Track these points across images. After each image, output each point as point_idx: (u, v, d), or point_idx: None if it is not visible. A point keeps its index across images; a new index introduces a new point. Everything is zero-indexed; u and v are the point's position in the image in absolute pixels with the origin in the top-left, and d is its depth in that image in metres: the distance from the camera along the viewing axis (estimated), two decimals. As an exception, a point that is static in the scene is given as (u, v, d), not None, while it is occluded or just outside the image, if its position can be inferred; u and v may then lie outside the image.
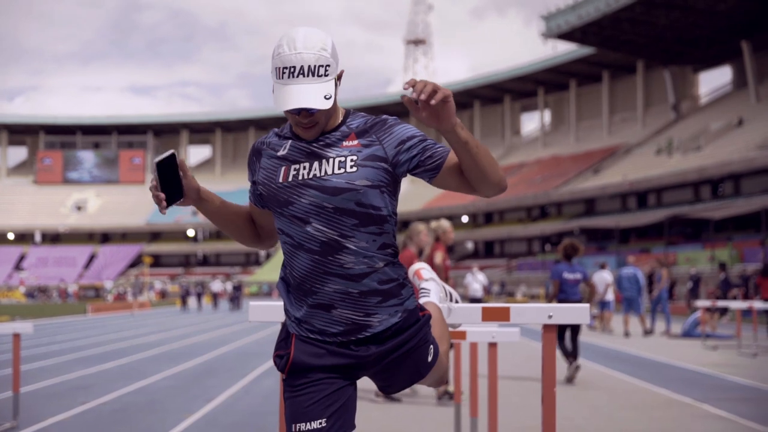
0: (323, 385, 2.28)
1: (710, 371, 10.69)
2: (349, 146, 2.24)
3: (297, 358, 2.30)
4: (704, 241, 44.17)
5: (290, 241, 2.29)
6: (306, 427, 2.25)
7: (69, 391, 9.12)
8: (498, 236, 67.36)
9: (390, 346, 2.32)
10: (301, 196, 2.24)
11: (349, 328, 2.27)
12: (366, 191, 2.22)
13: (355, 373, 2.34)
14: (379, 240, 2.27)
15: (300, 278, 2.28)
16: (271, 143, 2.35)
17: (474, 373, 5.04)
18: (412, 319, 2.36)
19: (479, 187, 2.25)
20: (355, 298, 2.25)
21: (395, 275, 2.31)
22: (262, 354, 13.81)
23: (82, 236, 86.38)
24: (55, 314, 33.80)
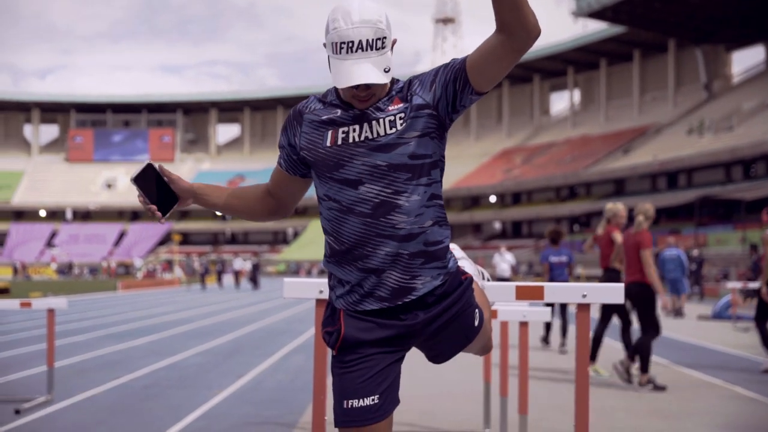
0: (374, 360, 2.29)
1: (742, 353, 10.60)
2: (397, 107, 2.25)
3: (348, 333, 2.30)
4: (735, 222, 43.69)
5: (338, 207, 2.27)
6: (359, 403, 2.25)
7: (101, 366, 9.24)
8: (526, 216, 67.06)
9: (437, 311, 2.32)
10: (352, 158, 2.24)
11: (395, 291, 2.27)
12: (417, 141, 2.23)
13: (405, 344, 2.34)
14: (429, 191, 2.27)
15: (350, 244, 2.27)
16: (315, 108, 2.34)
17: (504, 352, 5.04)
18: (455, 282, 2.36)
19: (515, 28, 2.11)
20: (405, 259, 2.25)
21: (440, 237, 2.31)
22: (291, 332, 13.90)
23: (112, 214, 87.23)
24: (85, 291, 34.21)
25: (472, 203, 73.31)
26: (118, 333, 13.70)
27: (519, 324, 4.53)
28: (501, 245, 21.28)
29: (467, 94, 2.23)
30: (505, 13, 2.10)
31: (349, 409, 2.26)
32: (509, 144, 78.03)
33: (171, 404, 6.69)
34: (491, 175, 71.03)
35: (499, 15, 2.12)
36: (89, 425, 5.80)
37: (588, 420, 2.97)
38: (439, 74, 2.27)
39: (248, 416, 6.19)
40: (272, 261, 75.75)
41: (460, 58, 2.26)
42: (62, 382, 7.75)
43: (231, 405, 6.68)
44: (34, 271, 63.74)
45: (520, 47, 2.15)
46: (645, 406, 6.64)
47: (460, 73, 2.23)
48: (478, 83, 2.22)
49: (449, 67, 2.26)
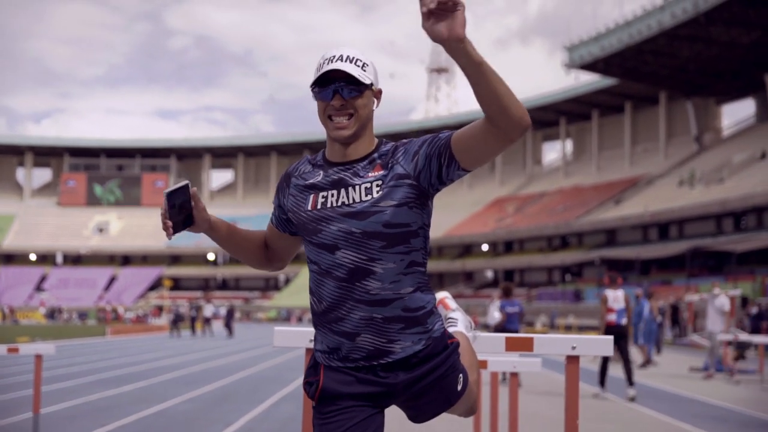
0: (353, 412, 2.29)
1: (734, 406, 10.56)
2: (376, 174, 2.26)
3: (327, 385, 2.31)
4: (726, 274, 43.75)
5: (317, 269, 2.31)
6: None
7: (89, 412, 9.15)
8: (518, 265, 67.07)
9: (418, 373, 2.32)
10: (329, 223, 2.26)
11: (370, 353, 2.28)
12: (393, 211, 2.23)
13: (384, 402, 2.34)
14: (407, 258, 2.28)
15: (326, 306, 2.30)
16: (303, 171, 2.39)
17: (495, 402, 5.02)
18: (439, 346, 2.36)
19: (500, 121, 2.09)
20: (379, 323, 2.26)
21: (422, 303, 2.31)
22: (280, 380, 13.80)
23: (103, 258, 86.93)
24: (74, 336, 33.94)
25: (465, 251, 73.36)
26: (106, 379, 13.58)
27: (510, 374, 4.53)
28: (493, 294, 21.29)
29: (453, 169, 2.23)
30: (488, 107, 2.10)
31: None
32: (502, 193, 78.38)
33: (158, 452, 6.62)
34: (483, 224, 71.20)
35: (483, 108, 2.12)
36: (75, 473, 5.73)
37: (577, 473, 2.96)
38: (424, 146, 2.27)
39: (236, 465, 6.12)
40: (263, 307, 75.42)
41: (446, 134, 2.26)
42: (49, 428, 7.66)
43: (219, 454, 6.61)
44: (22, 315, 63.21)
45: (506, 138, 2.14)
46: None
47: (444, 150, 2.23)
48: (463, 161, 2.23)
49: (435, 141, 2.26)
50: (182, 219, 2.35)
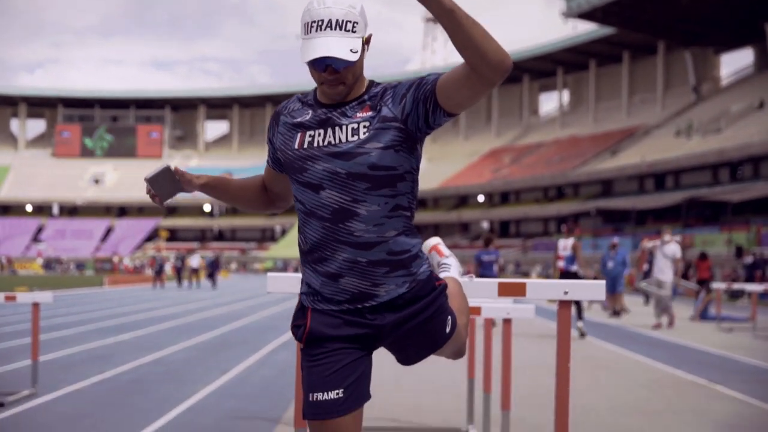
0: (341, 355, 2.31)
1: (725, 353, 10.68)
2: (363, 116, 2.26)
3: (314, 328, 2.32)
4: (722, 224, 43.91)
5: (303, 209, 2.31)
6: (323, 396, 2.28)
7: (87, 360, 9.24)
8: (514, 216, 67.21)
9: (406, 314, 2.33)
10: (315, 162, 2.26)
11: (354, 296, 2.29)
12: (379, 153, 2.22)
13: (372, 344, 2.35)
14: (392, 202, 2.27)
15: (311, 246, 2.31)
16: (292, 110, 2.38)
17: (488, 348, 5.08)
18: (426, 288, 2.37)
19: (479, 66, 2.08)
20: (363, 267, 2.26)
21: (407, 247, 2.32)
22: (277, 328, 13.91)
23: (99, 209, 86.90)
24: (72, 286, 34.10)
25: (461, 203, 73.42)
26: (104, 328, 13.67)
27: (503, 321, 4.57)
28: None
29: (439, 115, 2.23)
30: (466, 53, 2.09)
31: (315, 402, 2.28)
32: (498, 144, 78.18)
33: (157, 398, 6.70)
34: (479, 175, 71.13)
35: (461, 54, 2.11)
36: (74, 418, 5.80)
37: (567, 416, 3.01)
38: (411, 89, 2.27)
39: (234, 410, 6.21)
40: (260, 258, 75.68)
41: (433, 77, 2.25)
42: (47, 375, 7.74)
43: (217, 399, 6.70)
44: (20, 266, 63.44)
45: (488, 83, 2.13)
46: (627, 404, 6.69)
47: (430, 95, 2.23)
48: (447, 106, 2.23)
49: (421, 86, 2.25)
50: (169, 190, 2.39)
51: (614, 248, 18.04)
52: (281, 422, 5.75)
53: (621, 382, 8.02)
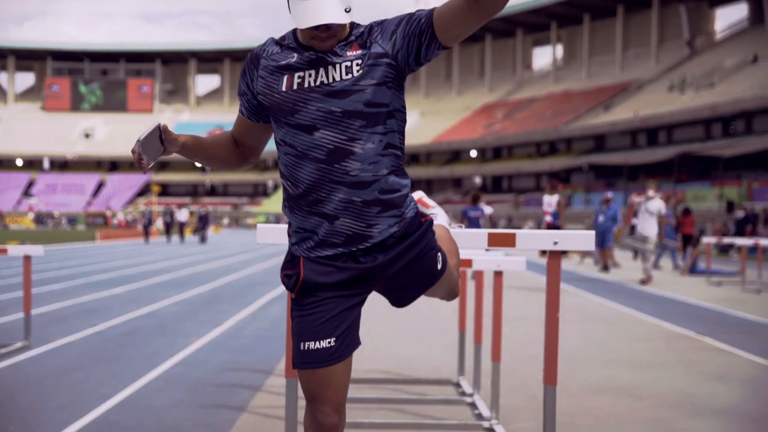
0: (332, 304, 2.31)
1: (713, 306, 10.77)
2: (354, 53, 2.23)
3: (307, 277, 2.31)
4: (713, 179, 44.02)
5: (293, 152, 2.28)
6: (315, 345, 2.28)
7: (79, 313, 9.26)
8: (506, 171, 67.18)
9: (396, 252, 2.33)
10: (307, 103, 2.23)
11: (349, 238, 2.28)
12: (373, 90, 2.21)
13: (365, 285, 2.35)
14: (385, 140, 2.26)
15: (304, 189, 2.28)
16: (271, 52, 2.32)
17: (479, 301, 5.10)
18: (413, 225, 2.37)
19: None
20: (358, 207, 2.25)
21: (397, 186, 2.31)
22: (269, 283, 13.95)
23: (90, 164, 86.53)
24: (63, 240, 34.08)
25: (453, 158, 73.32)
26: (96, 282, 13.69)
27: (494, 273, 4.58)
28: (482, 200, 21.30)
29: (433, 48, 2.22)
30: None
31: (306, 351, 2.29)
32: (491, 99, 77.83)
33: (149, 351, 6.73)
34: (472, 130, 70.94)
35: None
36: (67, 370, 5.83)
37: (557, 366, 3.03)
38: (401, 24, 2.25)
39: (226, 363, 6.24)
40: (252, 213, 75.67)
41: (426, 10, 2.24)
42: (40, 328, 7.76)
43: (209, 352, 6.73)
44: (11, 220, 63.33)
45: (488, 13, 2.15)
46: (617, 356, 6.76)
47: (426, 28, 2.21)
48: (444, 39, 2.22)
49: (413, 19, 2.24)
50: (155, 151, 2.38)
51: (607, 203, 18.01)
52: (273, 374, 5.79)
53: (610, 335, 8.09)
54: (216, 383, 5.46)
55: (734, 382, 5.75)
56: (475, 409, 4.81)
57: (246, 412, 4.66)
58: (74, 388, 5.21)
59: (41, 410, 4.61)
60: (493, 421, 4.42)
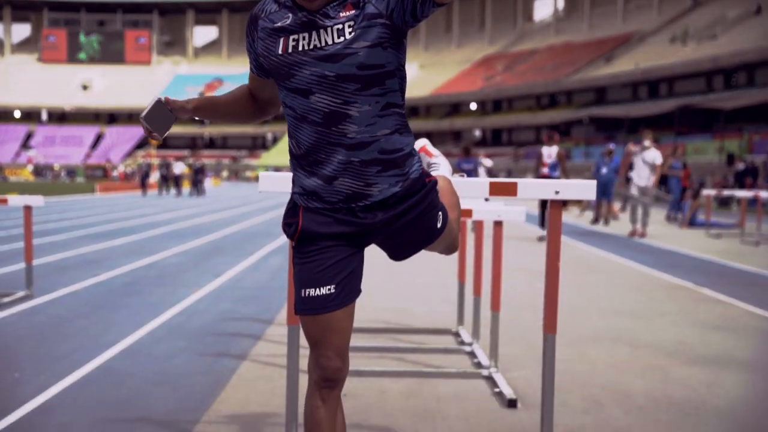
0: (332, 252, 2.31)
1: (712, 258, 10.82)
2: (347, 14, 2.19)
3: (306, 226, 2.32)
4: (714, 132, 43.88)
5: (293, 114, 2.27)
6: (315, 292, 2.30)
7: (80, 264, 9.30)
8: (506, 124, 66.93)
9: (397, 211, 2.32)
10: (301, 67, 2.20)
11: (348, 196, 2.28)
12: (367, 52, 2.16)
13: (363, 240, 2.36)
14: (383, 100, 2.23)
15: (304, 150, 2.28)
16: (269, 12, 2.28)
17: (479, 251, 5.12)
18: (417, 185, 2.36)
19: None
20: (357, 167, 2.24)
21: (399, 145, 2.29)
22: (269, 234, 13.99)
23: (88, 116, 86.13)
24: (63, 193, 34.08)
25: (453, 110, 72.98)
26: (96, 233, 13.73)
27: (493, 223, 4.59)
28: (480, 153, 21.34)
29: (428, 6, 2.15)
30: None
31: (306, 297, 2.30)
32: (491, 51, 77.21)
33: (150, 301, 6.78)
34: (472, 82, 70.51)
35: None
36: (69, 319, 5.87)
37: (556, 314, 3.06)
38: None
39: (226, 312, 6.29)
40: (251, 166, 75.55)
41: None
42: (42, 278, 7.80)
43: (209, 302, 6.78)
44: (10, 172, 63.27)
45: None
46: (615, 307, 6.80)
47: None
48: None
49: None
50: (164, 123, 2.38)
51: (610, 155, 17.92)
52: (274, 323, 5.84)
53: (609, 286, 8.13)
54: (217, 332, 5.50)
55: (731, 331, 5.80)
56: (474, 357, 4.85)
57: (247, 360, 4.70)
58: (77, 337, 5.25)
59: (44, 358, 4.66)
60: (491, 369, 4.47)
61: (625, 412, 3.79)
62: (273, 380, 4.25)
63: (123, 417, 3.58)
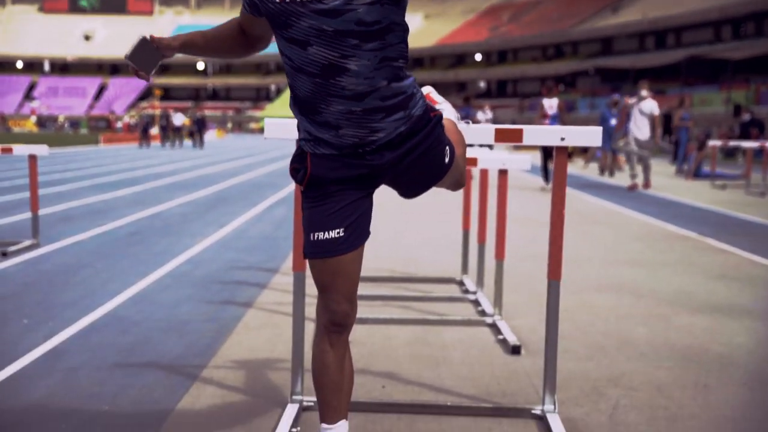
0: (340, 196, 2.31)
1: (717, 208, 10.81)
2: None
3: (314, 171, 2.31)
4: (721, 83, 43.52)
5: (291, 63, 2.25)
6: (324, 236, 2.30)
7: (86, 214, 9.32)
8: (511, 75, 66.43)
9: (404, 149, 2.32)
10: (299, 18, 2.17)
11: (354, 143, 2.27)
12: (365, 9, 2.13)
13: (372, 182, 2.35)
14: (381, 54, 2.20)
15: (303, 99, 2.27)
16: None
17: (483, 200, 5.12)
18: (422, 121, 2.35)
19: None
20: (359, 116, 2.23)
21: (400, 90, 2.27)
22: (274, 185, 13.99)
23: (91, 67, 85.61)
24: (67, 144, 34.03)
25: (457, 61, 72.37)
26: (101, 184, 13.74)
27: (498, 172, 4.59)
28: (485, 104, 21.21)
29: None
30: None
31: (316, 240, 2.31)
32: (496, 0, 76.29)
33: (156, 250, 6.81)
34: (477, 33, 69.81)
35: None
36: (75, 267, 5.91)
37: (561, 261, 3.06)
38: None
39: (232, 261, 6.32)
40: (255, 118, 75.27)
41: None
42: (48, 228, 7.84)
43: (215, 251, 6.81)
44: (14, 123, 63.12)
45: None
46: (619, 257, 6.82)
47: None
48: None
49: None
50: (151, 61, 2.37)
51: (616, 105, 17.76)
52: (279, 272, 5.87)
53: (613, 236, 8.15)
54: (222, 281, 5.54)
55: (734, 280, 5.82)
56: (478, 305, 4.89)
57: (253, 308, 4.74)
58: (83, 285, 5.29)
59: (53, 305, 4.70)
60: (495, 317, 4.50)
61: (628, 359, 3.83)
62: (279, 327, 4.29)
63: (130, 362, 3.63)
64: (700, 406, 3.19)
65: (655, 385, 3.44)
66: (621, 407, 3.15)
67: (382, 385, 3.39)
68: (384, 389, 3.34)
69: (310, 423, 2.93)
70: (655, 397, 3.28)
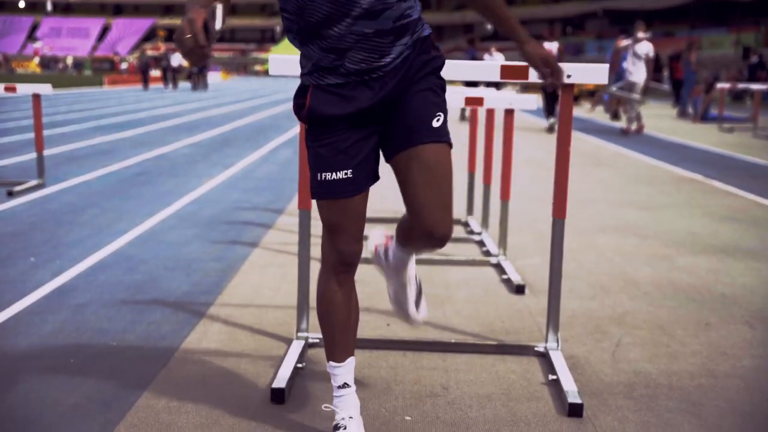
0: (344, 135, 2.28)
1: (723, 151, 10.77)
2: None
3: (313, 106, 2.28)
4: (730, 25, 42.94)
5: None
6: (332, 176, 2.27)
7: (91, 155, 9.32)
8: (520, 17, 65.21)
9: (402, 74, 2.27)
10: None
11: (362, 69, 2.24)
12: None
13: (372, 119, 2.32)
14: None
15: (316, 23, 2.23)
16: None
17: (489, 140, 5.10)
18: (426, 43, 2.32)
19: None
20: (371, 38, 2.20)
21: (409, 10, 2.25)
22: (279, 127, 13.95)
23: (93, 7, 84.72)
24: (71, 85, 33.86)
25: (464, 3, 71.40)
26: (106, 125, 13.71)
27: (504, 112, 4.56)
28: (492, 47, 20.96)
29: None
30: None
31: (323, 181, 2.28)
32: (505, -61, 74.95)
33: (162, 191, 6.82)
34: (485, -27, 68.69)
35: None
36: (81, 207, 5.93)
37: (566, 200, 3.06)
38: None
39: (237, 202, 6.33)
40: (260, 60, 74.68)
41: None
42: (53, 168, 7.85)
43: (220, 192, 6.82)
44: (17, 64, 62.73)
45: None
46: (624, 199, 6.82)
47: None
48: None
49: None
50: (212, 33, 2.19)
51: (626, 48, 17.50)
52: (285, 213, 5.88)
53: (620, 178, 8.13)
54: (228, 221, 5.56)
55: (739, 222, 5.83)
56: (483, 246, 4.90)
57: (259, 247, 4.76)
58: (90, 224, 5.32)
59: (59, 244, 4.72)
60: (500, 257, 4.52)
61: (631, 298, 3.85)
62: (284, 266, 4.31)
63: (138, 299, 3.66)
64: (701, 343, 3.22)
65: (657, 323, 3.46)
66: (623, 345, 3.18)
67: (387, 323, 3.42)
68: (389, 327, 3.37)
69: (315, 359, 2.97)
70: (657, 335, 3.31)
